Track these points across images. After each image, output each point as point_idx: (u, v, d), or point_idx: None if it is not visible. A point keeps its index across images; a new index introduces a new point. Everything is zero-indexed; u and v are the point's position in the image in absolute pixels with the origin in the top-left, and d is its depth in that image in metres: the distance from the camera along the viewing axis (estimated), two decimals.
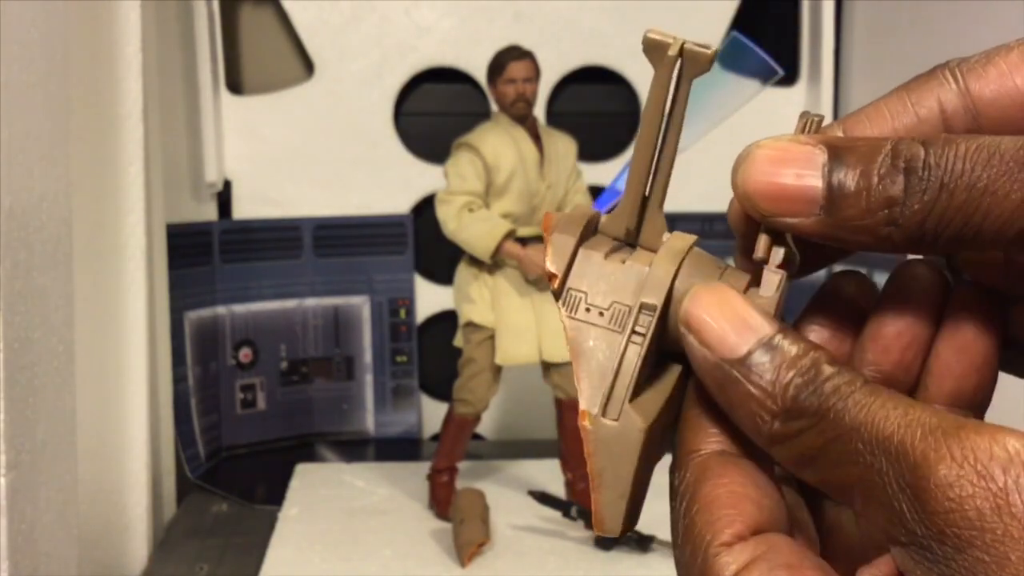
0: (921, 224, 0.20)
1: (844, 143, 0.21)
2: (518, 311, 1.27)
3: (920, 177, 0.20)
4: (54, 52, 0.90)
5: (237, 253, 1.63)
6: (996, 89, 0.23)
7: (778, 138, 0.22)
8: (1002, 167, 0.19)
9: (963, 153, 0.20)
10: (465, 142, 1.28)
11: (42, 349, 0.85)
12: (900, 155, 0.20)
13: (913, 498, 0.18)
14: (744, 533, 0.21)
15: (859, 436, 0.19)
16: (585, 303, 0.25)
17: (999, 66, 0.23)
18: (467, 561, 1.18)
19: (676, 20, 1.67)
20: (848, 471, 0.20)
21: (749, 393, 0.21)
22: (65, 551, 0.90)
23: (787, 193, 0.21)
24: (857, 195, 0.21)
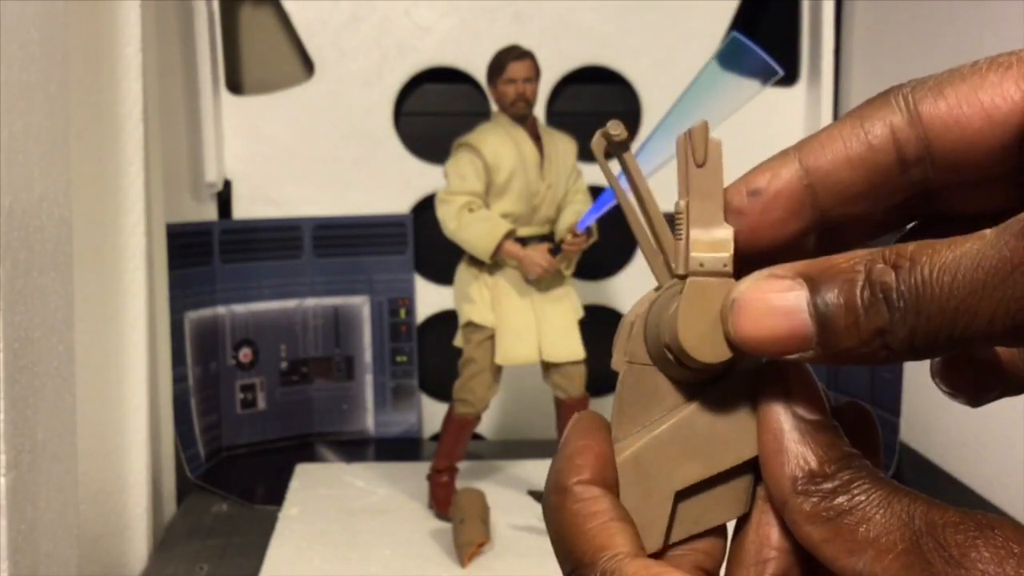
0: (911, 344, 0.21)
1: (818, 271, 0.22)
2: (518, 311, 1.27)
3: (897, 307, 0.20)
4: (54, 52, 0.90)
5: (237, 253, 1.63)
6: (946, 120, 0.23)
7: (756, 279, 0.22)
8: (968, 285, 0.20)
9: (930, 276, 0.20)
10: (465, 142, 1.28)
11: (42, 349, 0.85)
12: (876, 284, 0.21)
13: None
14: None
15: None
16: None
17: (950, 97, 0.23)
18: (467, 561, 1.18)
19: (676, 20, 1.67)
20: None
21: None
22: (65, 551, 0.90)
23: (781, 338, 0.22)
24: (848, 329, 0.21)
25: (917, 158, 0.23)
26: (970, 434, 1.35)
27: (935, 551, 0.20)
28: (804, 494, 0.22)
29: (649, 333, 0.25)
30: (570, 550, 0.24)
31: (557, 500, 0.24)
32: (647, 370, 0.25)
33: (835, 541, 0.22)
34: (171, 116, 1.45)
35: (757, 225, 0.25)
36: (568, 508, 0.24)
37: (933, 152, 0.23)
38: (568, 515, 0.24)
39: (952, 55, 1.34)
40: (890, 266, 0.21)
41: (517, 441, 1.67)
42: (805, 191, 0.24)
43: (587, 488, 0.24)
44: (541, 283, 1.28)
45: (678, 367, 0.24)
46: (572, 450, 0.25)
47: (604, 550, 0.23)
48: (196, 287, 1.56)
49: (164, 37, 1.41)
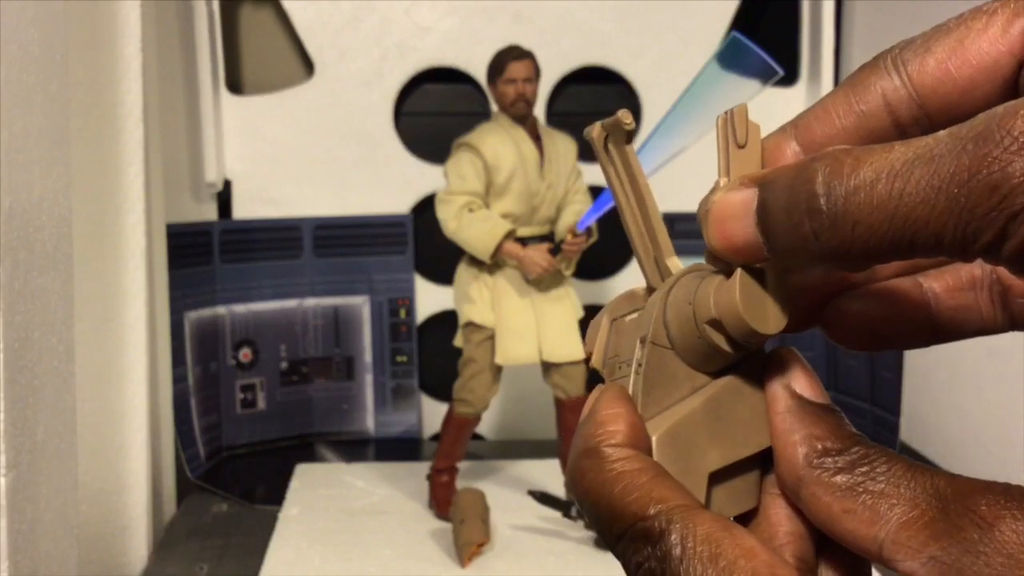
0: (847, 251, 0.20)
1: (769, 177, 0.22)
2: (518, 311, 1.27)
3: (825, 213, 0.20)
4: (54, 52, 0.90)
5: (237, 253, 1.63)
6: (936, 75, 0.23)
7: (727, 188, 0.23)
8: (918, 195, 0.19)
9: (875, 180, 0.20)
10: (465, 142, 1.28)
11: (42, 349, 0.85)
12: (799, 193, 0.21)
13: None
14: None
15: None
16: (619, 363, 0.27)
17: (937, 53, 0.23)
18: (467, 561, 1.18)
19: (676, 20, 1.67)
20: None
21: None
22: (65, 551, 0.90)
23: (740, 246, 0.22)
24: (782, 236, 0.21)
25: (913, 119, 0.23)
26: (970, 434, 1.35)
27: (965, 517, 0.20)
28: (821, 467, 0.22)
29: (676, 316, 0.25)
30: (617, 509, 0.22)
31: (590, 464, 0.23)
32: (668, 353, 0.25)
33: (856, 512, 0.21)
34: (171, 116, 1.45)
35: None
36: (605, 469, 0.23)
37: (928, 110, 0.23)
38: (607, 475, 0.23)
39: None
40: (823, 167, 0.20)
41: (517, 441, 1.67)
42: None
43: (623, 449, 0.23)
44: (541, 283, 1.28)
45: (706, 350, 0.24)
46: (602, 416, 0.24)
47: (663, 501, 0.22)
48: (196, 287, 1.56)
49: (164, 37, 1.41)
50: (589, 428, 0.24)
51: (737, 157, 0.25)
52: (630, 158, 0.27)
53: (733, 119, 0.25)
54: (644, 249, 0.27)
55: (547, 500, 1.29)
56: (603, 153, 0.27)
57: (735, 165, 0.25)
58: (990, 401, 1.30)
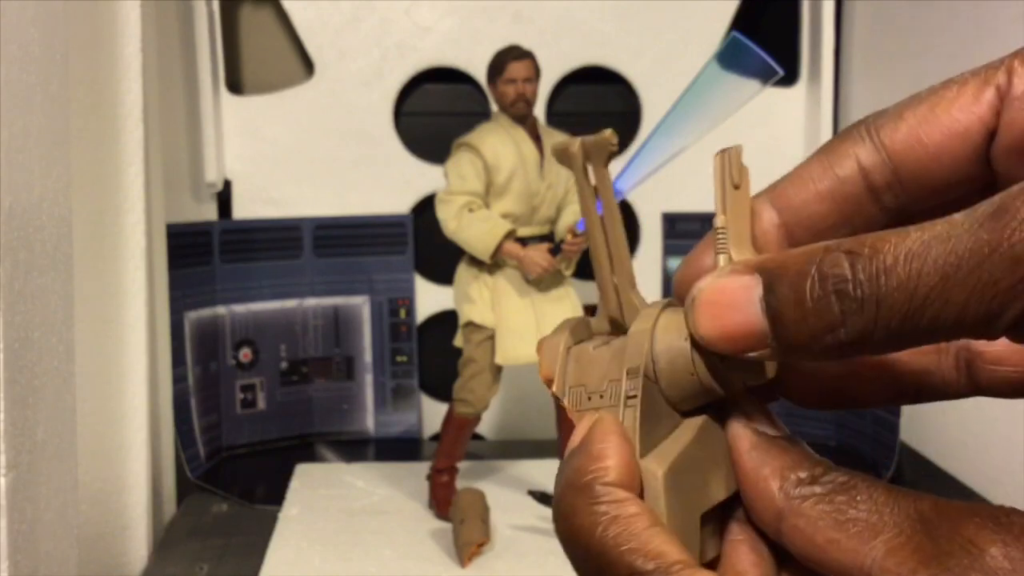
0: (869, 339, 0.20)
1: (775, 265, 0.21)
2: (518, 311, 1.27)
3: (853, 297, 0.20)
4: (54, 52, 0.90)
5: (237, 253, 1.63)
6: (907, 142, 0.23)
7: (717, 275, 0.22)
8: (937, 271, 0.19)
9: (894, 263, 0.19)
10: (465, 142, 1.28)
11: (42, 349, 0.85)
12: (827, 277, 0.20)
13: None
14: None
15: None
16: (586, 394, 0.26)
17: (909, 119, 0.23)
18: (467, 561, 1.18)
19: (676, 20, 1.67)
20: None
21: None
22: (65, 551, 0.90)
23: (737, 335, 0.21)
24: (798, 324, 0.20)
25: (886, 184, 0.24)
26: (970, 434, 1.35)
27: (954, 542, 0.19)
28: (799, 498, 0.22)
29: (667, 350, 0.24)
30: (610, 556, 0.21)
31: (581, 502, 0.22)
32: (655, 388, 0.24)
33: (841, 542, 0.21)
34: (171, 116, 1.45)
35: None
36: (599, 511, 0.22)
37: (901, 176, 0.23)
38: (601, 517, 0.22)
39: (952, 55, 1.34)
40: (844, 254, 0.20)
41: (517, 441, 1.67)
42: (780, 231, 0.25)
43: (615, 490, 0.22)
44: (541, 283, 1.28)
45: (694, 388, 0.24)
46: (596, 450, 0.23)
47: (661, 556, 0.21)
48: (196, 287, 1.56)
49: (164, 37, 1.41)
50: (581, 461, 0.23)
51: (732, 197, 0.25)
52: (607, 181, 0.26)
53: (730, 159, 0.25)
54: (606, 277, 0.26)
55: (547, 500, 1.29)
56: (580, 172, 0.26)
57: (730, 205, 0.24)
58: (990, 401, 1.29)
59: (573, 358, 0.26)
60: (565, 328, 0.27)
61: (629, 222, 1.71)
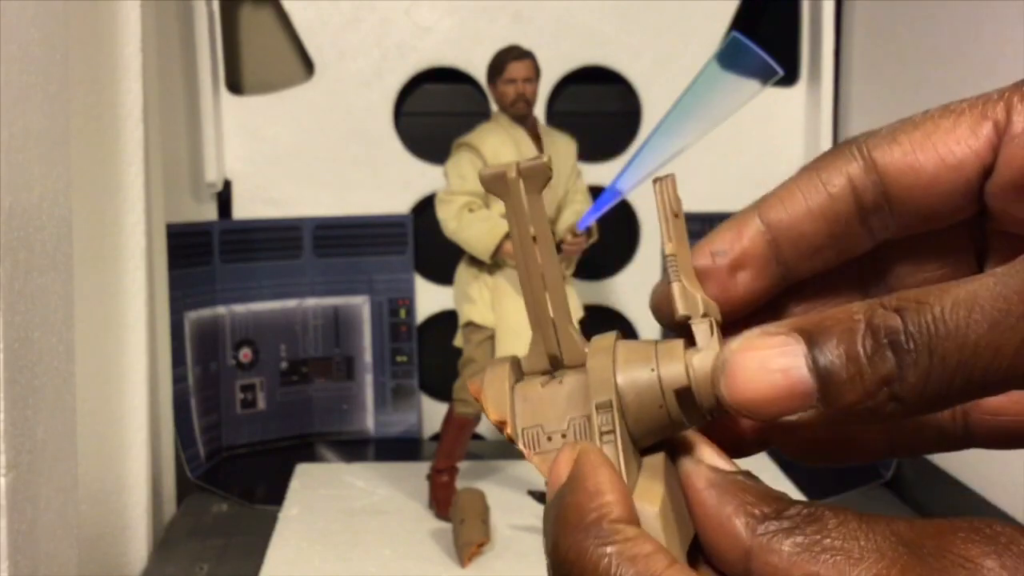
0: (922, 393, 0.19)
1: (813, 325, 0.20)
2: (518, 311, 1.27)
3: (907, 349, 0.19)
4: (54, 52, 0.90)
5: (237, 253, 1.63)
6: (900, 167, 0.23)
7: (747, 337, 0.21)
8: (986, 318, 0.18)
9: (942, 314, 0.19)
10: (465, 142, 1.28)
11: (42, 349, 0.85)
12: (879, 329, 0.19)
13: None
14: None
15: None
16: (544, 434, 0.24)
17: (903, 144, 0.23)
18: (467, 561, 1.18)
19: (676, 20, 1.67)
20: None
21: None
22: (65, 551, 0.90)
23: (780, 396, 0.20)
24: (852, 381, 0.19)
25: (875, 206, 0.23)
26: None
27: (945, 559, 0.19)
28: (768, 533, 0.21)
29: (633, 383, 0.23)
30: None
31: (588, 543, 0.20)
32: (622, 423, 0.23)
33: (819, 574, 0.20)
34: (171, 116, 1.45)
35: (725, 285, 0.24)
36: (607, 552, 0.20)
37: (891, 199, 0.23)
38: (611, 559, 0.20)
39: (952, 55, 1.34)
40: (892, 310, 0.19)
41: None
42: (768, 246, 0.24)
43: (624, 527, 0.21)
44: None
45: (661, 421, 0.23)
46: (592, 486, 0.21)
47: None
48: (196, 287, 1.56)
49: (164, 37, 1.41)
50: (578, 498, 0.21)
51: (674, 225, 0.24)
52: (541, 211, 0.25)
53: (667, 188, 0.24)
54: (540, 314, 0.25)
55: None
56: (515, 197, 0.24)
57: (674, 232, 0.24)
58: None
59: (520, 398, 0.25)
60: (503, 368, 0.26)
61: (629, 222, 1.71)
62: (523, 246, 0.25)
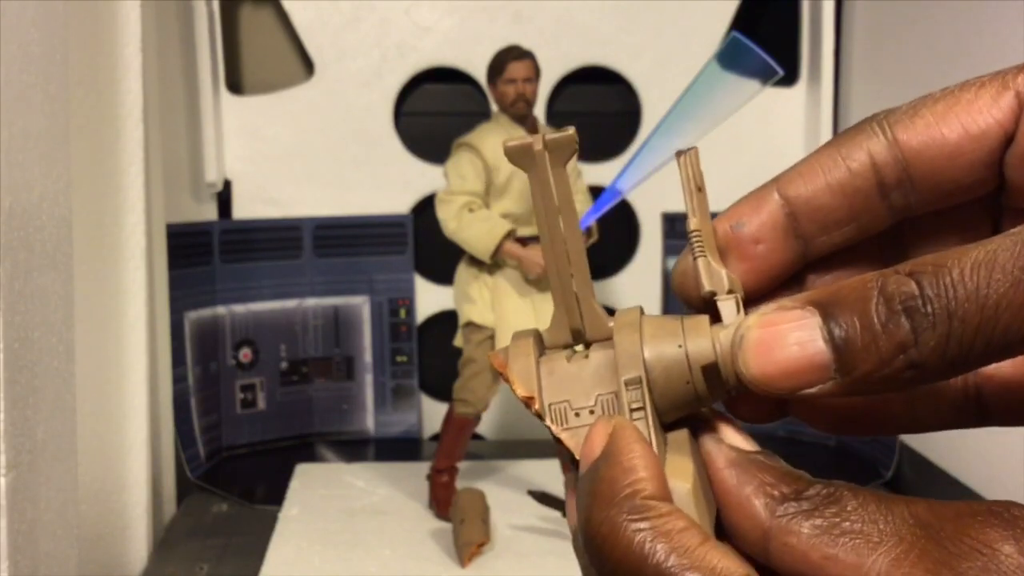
0: (942, 356, 0.19)
1: (827, 297, 0.20)
2: (518, 311, 1.27)
3: (924, 313, 0.19)
4: (54, 52, 0.90)
5: (237, 253, 1.63)
6: (923, 140, 0.23)
7: (763, 312, 0.21)
8: (1007, 277, 0.18)
9: (961, 276, 0.19)
10: (465, 142, 1.28)
11: (42, 349, 0.85)
12: (893, 296, 0.19)
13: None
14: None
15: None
16: (572, 410, 0.24)
17: (925, 117, 0.23)
18: (467, 561, 1.18)
19: (676, 20, 1.67)
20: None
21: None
22: (65, 551, 0.90)
23: (797, 369, 0.20)
24: (867, 349, 0.19)
25: (897, 181, 0.23)
26: (970, 434, 1.35)
27: (962, 544, 0.19)
28: (787, 514, 0.21)
29: (660, 358, 0.23)
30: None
31: (620, 518, 0.20)
32: (650, 399, 0.23)
33: (838, 557, 0.20)
34: (171, 116, 1.45)
35: (744, 257, 0.24)
36: (640, 527, 0.20)
37: (912, 174, 0.23)
38: (645, 535, 0.20)
39: (952, 55, 1.34)
40: (907, 275, 0.19)
41: (517, 441, 1.67)
42: (787, 220, 0.24)
43: (658, 503, 0.21)
44: (541, 283, 1.28)
45: (686, 397, 0.23)
46: (626, 461, 0.21)
47: (726, 574, 0.20)
48: (196, 287, 1.56)
49: (164, 37, 1.41)
50: (613, 472, 0.21)
51: (698, 200, 0.24)
52: (566, 185, 0.25)
53: (690, 162, 0.24)
54: (564, 288, 0.25)
55: (547, 500, 1.29)
56: (541, 170, 0.24)
57: (697, 208, 0.24)
58: None
59: (546, 373, 0.25)
60: (528, 342, 0.26)
61: (629, 222, 1.71)
62: (548, 219, 0.25)
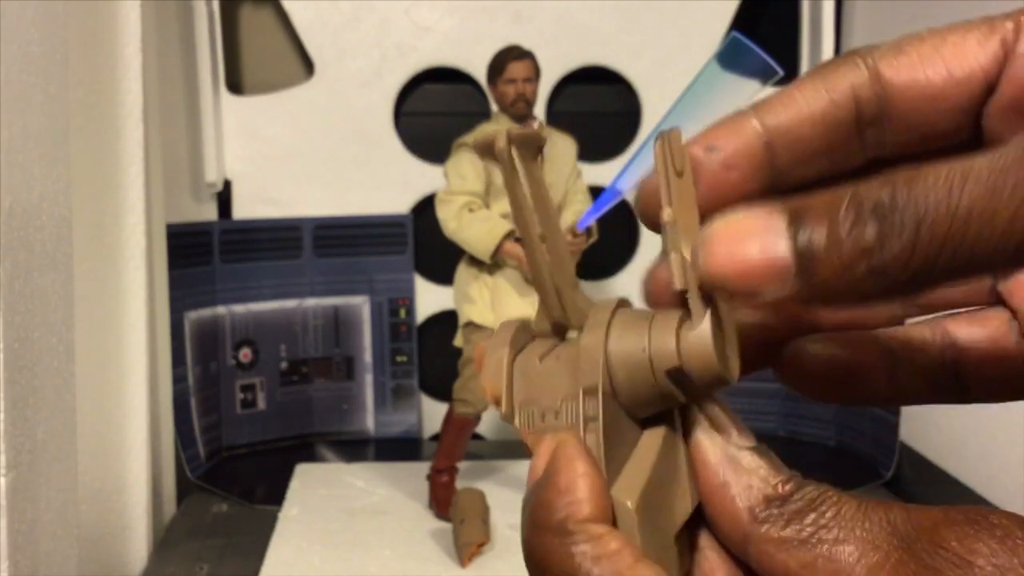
0: (906, 265, 0.18)
1: (800, 202, 0.20)
2: (518, 311, 1.27)
3: (892, 219, 0.18)
4: (54, 52, 0.90)
5: (237, 253, 1.63)
6: (907, 78, 0.22)
7: (733, 212, 0.20)
8: (981, 186, 0.18)
9: (935, 182, 0.18)
10: (465, 142, 1.28)
11: (42, 349, 0.85)
12: (863, 201, 0.19)
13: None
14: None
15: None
16: (538, 412, 0.23)
17: (911, 55, 0.23)
18: (467, 561, 1.18)
19: (676, 20, 1.67)
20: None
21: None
22: (65, 551, 0.90)
23: (756, 268, 0.19)
24: (829, 253, 0.19)
25: (874, 118, 0.23)
26: (970, 434, 1.35)
27: (937, 556, 0.18)
28: (767, 521, 0.20)
29: (624, 363, 0.22)
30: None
31: (555, 543, 0.20)
32: (613, 403, 0.23)
33: (816, 566, 0.19)
34: (171, 116, 1.45)
35: (714, 183, 0.24)
36: (574, 552, 0.20)
37: (892, 112, 0.23)
38: (577, 560, 0.20)
39: None
40: (880, 183, 0.19)
41: (517, 441, 1.67)
42: (764, 149, 0.23)
43: (592, 526, 0.20)
44: None
45: (654, 398, 0.22)
46: (563, 483, 0.21)
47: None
48: (196, 287, 1.56)
49: (164, 37, 1.41)
50: (548, 496, 0.21)
51: (676, 186, 0.23)
52: (538, 177, 0.24)
53: (670, 144, 0.23)
54: (543, 279, 0.25)
55: None
56: (509, 166, 0.23)
57: (676, 195, 0.23)
58: None
59: (519, 372, 0.24)
60: (505, 338, 0.25)
61: (629, 222, 1.71)
62: (522, 214, 0.24)
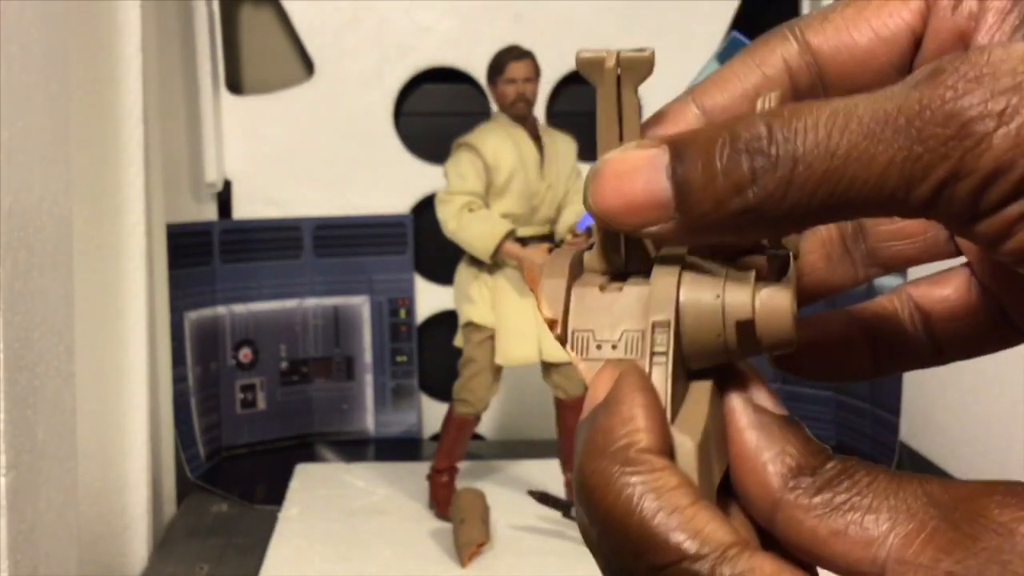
0: (780, 203, 0.18)
1: (685, 137, 0.20)
2: (518, 311, 1.27)
3: (768, 155, 0.18)
4: (54, 52, 0.90)
5: (237, 253, 1.63)
6: (834, 44, 0.23)
7: (623, 147, 0.21)
8: (862, 129, 0.18)
9: (816, 122, 0.18)
10: (465, 142, 1.28)
11: (42, 349, 0.85)
12: (739, 136, 0.19)
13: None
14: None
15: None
16: (594, 341, 0.23)
17: (835, 21, 0.23)
18: (467, 561, 1.18)
19: (676, 20, 1.67)
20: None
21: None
22: (65, 551, 0.90)
23: (639, 203, 0.20)
24: (703, 188, 0.19)
25: (810, 86, 0.23)
26: (970, 434, 1.35)
27: (977, 524, 0.18)
28: (798, 488, 0.20)
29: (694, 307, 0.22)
30: (655, 536, 0.19)
31: (612, 470, 0.19)
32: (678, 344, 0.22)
33: (846, 533, 0.19)
34: (171, 116, 1.45)
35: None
36: (630, 481, 0.19)
37: (826, 79, 0.23)
38: (633, 489, 0.19)
39: None
40: (761, 116, 0.19)
41: (517, 441, 1.67)
42: None
43: (652, 458, 0.19)
44: None
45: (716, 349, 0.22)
46: (626, 411, 0.20)
47: (714, 538, 0.18)
48: (196, 287, 1.56)
49: (164, 37, 1.41)
50: (610, 422, 0.20)
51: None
52: (635, 109, 0.24)
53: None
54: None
55: (547, 500, 1.29)
56: (608, 88, 0.23)
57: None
58: (990, 401, 1.30)
59: (576, 299, 0.24)
60: (563, 264, 0.24)
61: None
62: (607, 141, 0.24)
